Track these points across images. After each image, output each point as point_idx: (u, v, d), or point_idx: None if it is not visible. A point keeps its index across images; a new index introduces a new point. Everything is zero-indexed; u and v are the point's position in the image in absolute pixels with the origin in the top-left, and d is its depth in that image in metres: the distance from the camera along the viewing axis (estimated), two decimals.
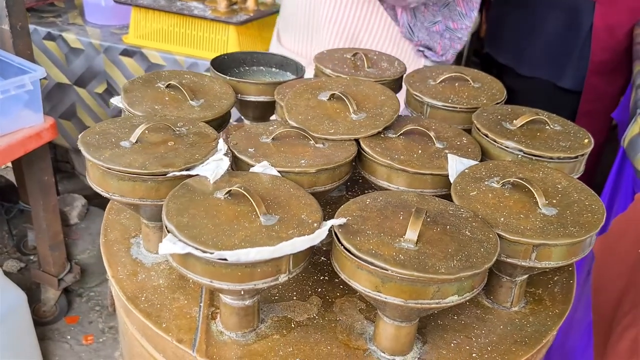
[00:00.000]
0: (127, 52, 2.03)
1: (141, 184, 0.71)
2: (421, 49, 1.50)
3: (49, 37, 2.12)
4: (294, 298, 0.78)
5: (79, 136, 0.76)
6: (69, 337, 2.04)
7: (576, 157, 0.83)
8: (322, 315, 0.75)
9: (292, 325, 0.73)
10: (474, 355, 0.71)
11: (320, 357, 0.69)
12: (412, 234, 0.63)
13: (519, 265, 0.70)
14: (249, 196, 0.65)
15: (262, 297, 0.77)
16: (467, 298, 0.62)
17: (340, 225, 0.65)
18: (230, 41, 1.96)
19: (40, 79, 1.67)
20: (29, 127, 1.68)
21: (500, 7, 2.10)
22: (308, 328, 0.73)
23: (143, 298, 0.75)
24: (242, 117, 1.06)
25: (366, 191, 0.96)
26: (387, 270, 0.59)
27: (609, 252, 1.31)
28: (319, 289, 0.79)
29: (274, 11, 2.04)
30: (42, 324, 2.03)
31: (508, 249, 0.69)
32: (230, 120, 0.94)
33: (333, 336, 0.72)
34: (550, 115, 0.93)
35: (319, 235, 0.63)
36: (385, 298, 0.61)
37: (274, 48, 1.69)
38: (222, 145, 0.76)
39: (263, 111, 1.01)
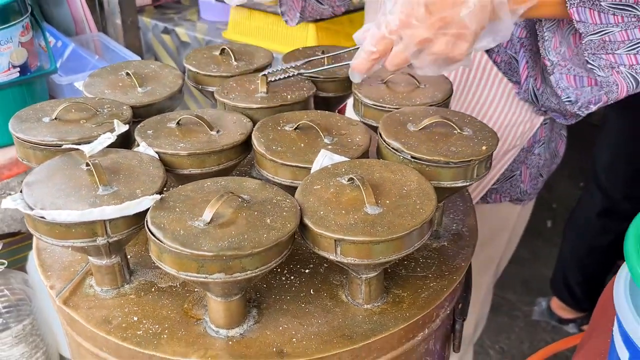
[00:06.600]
0: None
1: (39, 153, 0.85)
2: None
3: (165, 31, 2.39)
4: None
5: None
6: None
7: (462, 162, 0.81)
8: (183, 285, 0.83)
9: (152, 290, 0.82)
10: (293, 340, 0.74)
11: (155, 318, 0.77)
12: (207, 214, 0.69)
13: (329, 259, 0.71)
14: (93, 169, 0.76)
15: (143, 262, 0.87)
16: (239, 278, 0.66)
17: (157, 201, 0.72)
18: (309, 37, 2.06)
19: None
20: None
21: None
22: (163, 294, 0.81)
23: (48, 250, 0.89)
24: None
25: None
26: (162, 242, 0.66)
27: None
28: None
29: (358, 8, 2.09)
30: None
31: (316, 241, 0.71)
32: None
33: (179, 304, 0.80)
34: (472, 120, 0.90)
35: (128, 207, 0.71)
36: (165, 268, 0.67)
37: None
38: (118, 127, 0.87)
39: None
